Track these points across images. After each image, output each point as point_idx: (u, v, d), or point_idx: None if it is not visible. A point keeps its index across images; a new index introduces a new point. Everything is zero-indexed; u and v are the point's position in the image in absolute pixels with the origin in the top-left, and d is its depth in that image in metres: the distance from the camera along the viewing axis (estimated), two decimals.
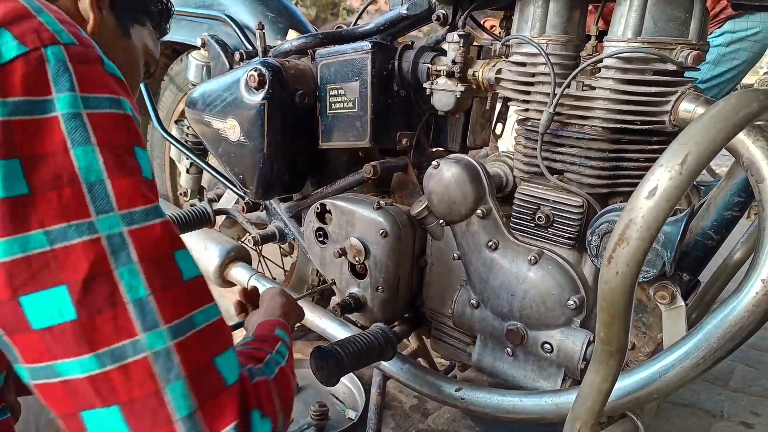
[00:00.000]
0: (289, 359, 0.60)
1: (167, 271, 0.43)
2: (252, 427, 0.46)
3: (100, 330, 0.40)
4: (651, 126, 0.75)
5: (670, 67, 0.71)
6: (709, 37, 1.91)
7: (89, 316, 0.39)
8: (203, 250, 1.37)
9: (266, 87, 1.03)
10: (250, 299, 0.90)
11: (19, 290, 0.38)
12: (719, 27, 1.64)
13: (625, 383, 0.69)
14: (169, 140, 1.47)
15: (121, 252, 0.41)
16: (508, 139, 1.45)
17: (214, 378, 0.44)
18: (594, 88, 0.76)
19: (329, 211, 1.05)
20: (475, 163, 0.87)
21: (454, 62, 0.92)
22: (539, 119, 0.78)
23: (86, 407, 0.41)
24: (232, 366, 0.46)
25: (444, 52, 0.99)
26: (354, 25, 1.17)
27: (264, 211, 1.35)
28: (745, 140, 0.61)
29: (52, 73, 0.40)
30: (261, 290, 0.88)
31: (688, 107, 0.71)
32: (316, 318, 1.15)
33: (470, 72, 0.93)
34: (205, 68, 1.33)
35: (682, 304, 0.74)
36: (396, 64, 1.02)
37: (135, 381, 0.40)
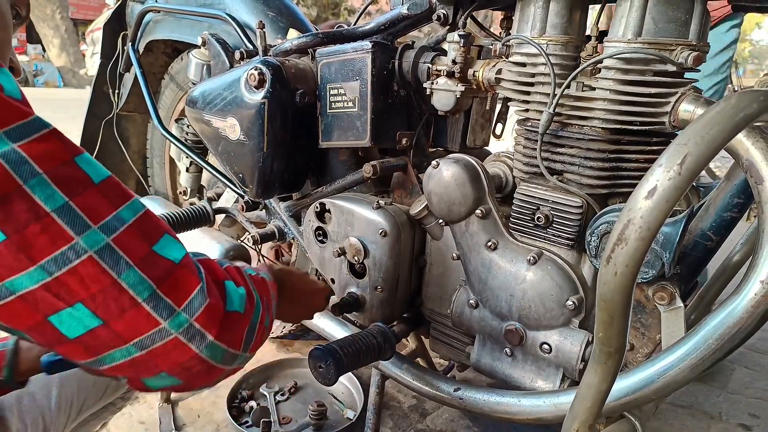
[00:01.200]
0: (266, 295, 0.62)
1: (76, 177, 0.44)
2: (227, 294, 0.52)
3: (35, 242, 0.41)
4: (651, 127, 0.75)
5: (671, 68, 0.71)
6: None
7: (18, 233, 0.41)
8: (203, 248, 1.36)
9: (266, 86, 1.03)
10: None
11: None
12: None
13: (623, 384, 0.69)
14: (169, 139, 1.47)
15: (23, 166, 0.41)
16: (507, 139, 1.45)
17: (161, 262, 0.47)
18: (594, 89, 0.76)
19: (329, 211, 1.05)
20: (474, 163, 0.87)
21: (454, 62, 0.92)
22: (539, 119, 0.78)
23: (51, 312, 0.43)
24: (173, 247, 0.49)
25: (444, 52, 0.99)
26: (354, 24, 1.17)
27: (263, 210, 1.35)
28: (744, 141, 0.61)
29: None
30: None
31: (688, 108, 0.71)
32: (315, 317, 1.15)
33: (470, 72, 0.93)
34: (205, 67, 1.33)
35: (681, 305, 0.74)
36: (396, 63, 1.02)
37: (88, 279, 0.43)
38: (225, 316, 0.51)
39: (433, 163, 0.88)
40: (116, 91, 1.73)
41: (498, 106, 1.11)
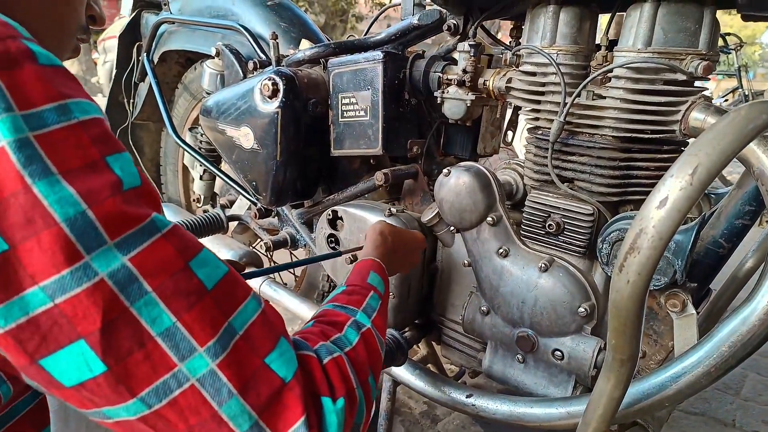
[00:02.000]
0: (379, 313, 0.59)
1: (188, 288, 0.39)
2: (323, 417, 0.44)
3: (136, 373, 0.37)
4: (661, 135, 0.75)
5: (680, 77, 0.72)
6: None
7: (119, 363, 0.36)
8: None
9: (280, 96, 1.05)
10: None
11: (35, 354, 0.35)
12: None
13: (636, 390, 0.69)
14: (183, 147, 1.50)
15: (131, 286, 0.36)
16: (517, 146, 1.46)
17: (268, 380, 0.41)
18: (604, 98, 0.77)
19: (341, 218, 1.06)
20: (485, 171, 0.88)
21: (464, 71, 0.94)
22: (550, 128, 0.79)
23: None
24: (287, 358, 0.43)
25: (455, 62, 1.00)
26: (366, 34, 1.19)
27: (276, 218, 1.36)
28: (756, 150, 0.61)
29: None
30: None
31: (698, 117, 0.72)
32: None
33: (481, 81, 0.94)
34: (219, 77, 1.35)
35: (693, 312, 0.74)
36: (407, 73, 1.04)
37: (188, 411, 0.38)
38: None
39: (445, 170, 0.89)
40: (131, 100, 1.76)
41: (508, 114, 1.12)
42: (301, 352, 0.47)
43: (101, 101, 1.80)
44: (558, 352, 0.83)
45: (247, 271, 0.80)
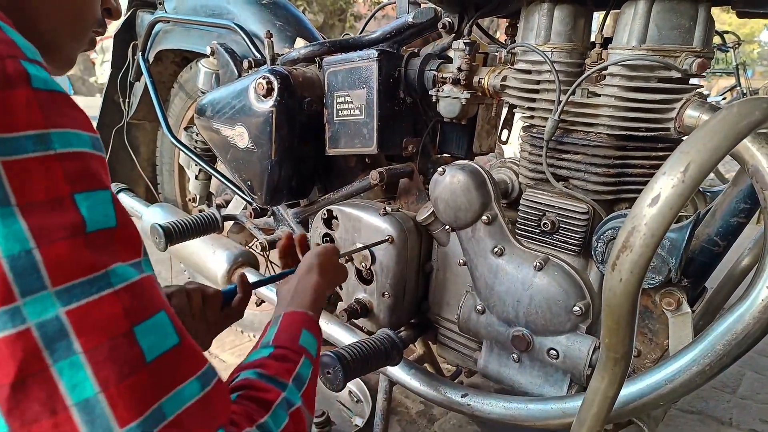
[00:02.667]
0: (310, 384, 0.53)
1: (124, 356, 0.34)
2: None
3: None
4: (656, 133, 0.75)
5: (675, 74, 0.72)
6: None
7: (23, 428, 0.32)
8: (211, 255, 1.38)
9: (274, 94, 1.04)
10: (300, 247, 0.83)
11: None
12: None
13: (631, 389, 0.69)
14: (178, 147, 1.49)
15: (59, 342, 0.32)
16: (513, 144, 1.46)
17: None
18: (599, 95, 0.76)
19: (336, 217, 1.06)
20: (480, 169, 0.88)
21: (459, 69, 0.93)
22: (544, 126, 0.79)
23: None
24: None
25: (450, 60, 1.00)
26: (361, 33, 1.18)
27: (271, 217, 1.36)
28: (750, 147, 0.61)
29: None
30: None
31: (693, 114, 0.72)
32: (322, 323, 1.16)
33: (476, 79, 0.94)
34: (214, 76, 1.35)
35: (689, 310, 0.74)
36: (402, 71, 1.03)
37: None
38: None
39: (440, 169, 0.89)
40: (126, 100, 1.76)
41: (504, 112, 1.12)
42: None
43: (100, 101, 1.80)
44: (553, 351, 0.83)
45: (252, 281, 0.79)
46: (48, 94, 0.34)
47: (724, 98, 5.71)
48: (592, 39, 0.81)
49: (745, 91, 4.76)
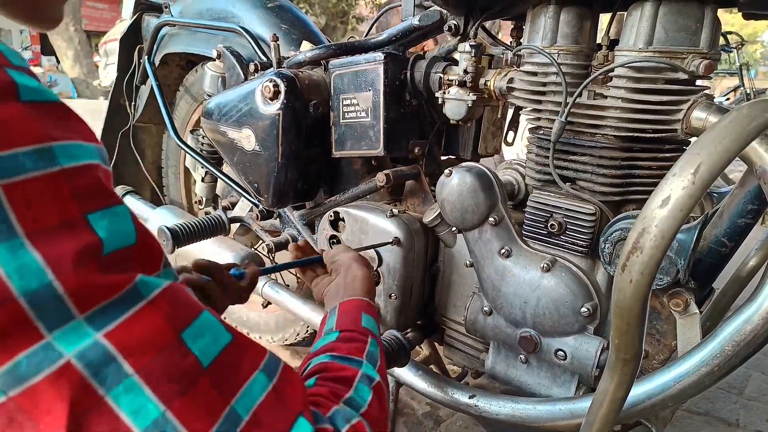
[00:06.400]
0: (382, 362, 0.52)
1: (179, 367, 0.32)
2: None
3: None
4: (663, 134, 0.75)
5: (682, 76, 0.72)
6: None
7: None
8: (217, 257, 1.38)
9: (281, 97, 1.05)
10: (304, 251, 0.82)
11: None
12: None
13: (639, 390, 0.69)
14: (184, 149, 1.50)
15: (107, 368, 0.29)
16: (518, 146, 1.46)
17: None
18: (606, 97, 0.77)
19: (342, 219, 1.06)
20: (487, 171, 0.88)
21: (465, 72, 0.94)
22: (551, 128, 0.79)
23: None
24: None
25: (455, 62, 1.00)
26: (366, 36, 1.19)
27: (277, 219, 1.36)
28: (758, 149, 0.61)
29: None
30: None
31: (700, 116, 0.72)
32: None
33: (482, 81, 0.94)
34: (220, 79, 1.35)
35: (697, 311, 0.74)
36: (408, 74, 1.04)
37: None
38: None
39: (446, 171, 0.89)
40: (132, 103, 1.76)
41: (509, 114, 1.12)
42: (317, 426, 0.39)
43: (103, 104, 1.81)
44: (561, 353, 0.83)
45: (263, 267, 0.80)
46: (43, 104, 0.31)
47: (727, 98, 5.69)
48: (598, 41, 0.81)
49: (748, 92, 4.75)
